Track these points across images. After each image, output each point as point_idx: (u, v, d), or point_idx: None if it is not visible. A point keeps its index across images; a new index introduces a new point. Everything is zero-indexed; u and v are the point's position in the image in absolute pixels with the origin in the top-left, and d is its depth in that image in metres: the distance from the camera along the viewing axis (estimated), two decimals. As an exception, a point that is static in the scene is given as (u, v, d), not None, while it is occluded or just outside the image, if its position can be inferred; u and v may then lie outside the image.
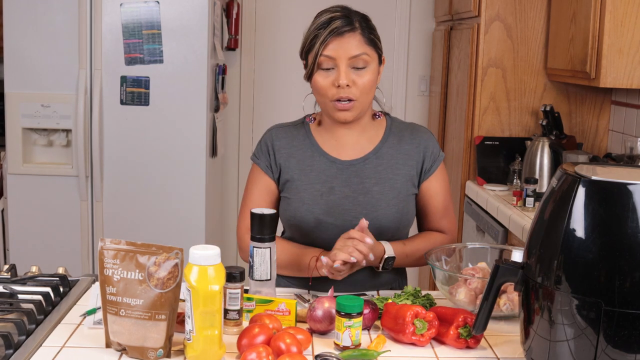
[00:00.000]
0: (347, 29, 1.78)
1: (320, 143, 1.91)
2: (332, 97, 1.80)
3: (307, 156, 1.90)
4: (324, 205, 1.86)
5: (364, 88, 1.80)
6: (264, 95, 4.39)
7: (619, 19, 2.68)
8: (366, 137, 1.91)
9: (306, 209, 1.86)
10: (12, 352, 1.38)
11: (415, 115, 4.42)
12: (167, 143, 3.51)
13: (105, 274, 1.40)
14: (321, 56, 1.78)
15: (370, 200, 1.85)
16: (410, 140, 1.91)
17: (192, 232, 3.55)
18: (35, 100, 3.47)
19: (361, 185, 1.86)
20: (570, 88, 3.34)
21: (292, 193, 1.88)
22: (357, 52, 1.78)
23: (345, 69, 1.78)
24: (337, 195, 1.86)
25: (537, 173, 3.07)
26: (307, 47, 1.82)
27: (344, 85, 1.77)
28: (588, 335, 1.21)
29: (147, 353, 1.38)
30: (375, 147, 1.90)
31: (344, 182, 1.87)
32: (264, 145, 1.94)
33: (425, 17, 4.38)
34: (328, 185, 1.87)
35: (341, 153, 1.90)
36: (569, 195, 1.24)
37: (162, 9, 3.42)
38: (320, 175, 1.88)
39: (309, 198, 1.86)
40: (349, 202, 1.85)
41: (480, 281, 1.62)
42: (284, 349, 1.36)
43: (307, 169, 1.89)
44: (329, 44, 1.77)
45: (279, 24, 4.31)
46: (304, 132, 1.94)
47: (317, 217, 1.85)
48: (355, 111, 1.82)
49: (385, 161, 1.89)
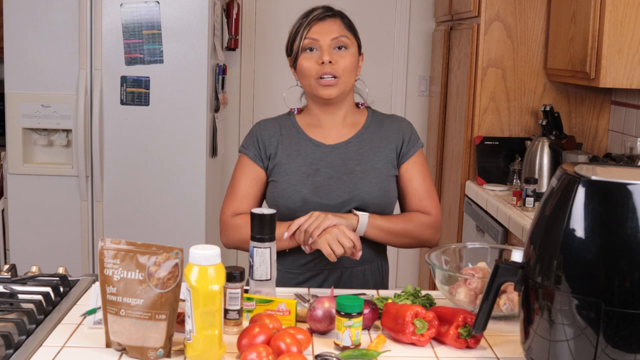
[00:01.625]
0: (329, 14, 1.97)
1: (305, 130, 2.03)
2: (317, 75, 1.93)
3: (293, 142, 2.01)
4: (310, 185, 1.95)
5: (345, 67, 1.93)
6: (264, 95, 4.39)
7: (619, 19, 2.68)
8: (349, 123, 2.03)
9: (294, 190, 1.95)
10: (12, 352, 1.38)
11: (415, 115, 4.42)
12: (167, 143, 3.51)
13: (105, 274, 1.40)
14: (305, 39, 1.93)
15: (353, 179, 1.95)
16: (390, 126, 2.04)
17: (192, 232, 3.55)
18: (35, 100, 3.47)
19: (344, 166, 1.97)
20: (570, 88, 3.34)
21: (280, 176, 1.98)
22: (338, 34, 1.94)
23: (327, 48, 1.93)
24: (322, 176, 1.96)
25: (537, 173, 3.07)
26: (291, 38, 1.98)
27: (327, 61, 1.91)
28: (588, 335, 1.21)
29: (147, 353, 1.38)
30: (358, 132, 2.02)
31: (329, 164, 1.98)
32: (253, 137, 2.03)
33: (425, 17, 4.38)
34: (314, 167, 1.97)
35: (326, 138, 2.01)
36: (568, 195, 1.24)
37: (162, 9, 3.42)
38: (306, 158, 1.98)
39: (296, 179, 1.96)
40: (334, 182, 1.96)
41: (480, 281, 1.62)
42: (284, 349, 1.36)
43: (293, 153, 1.99)
44: (312, 27, 1.94)
45: (279, 24, 4.32)
46: (290, 122, 2.05)
47: (304, 197, 1.95)
48: (339, 89, 1.94)
49: (367, 144, 2.01)
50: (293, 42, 1.97)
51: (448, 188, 3.80)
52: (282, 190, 1.96)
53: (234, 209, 2.01)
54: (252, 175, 2.01)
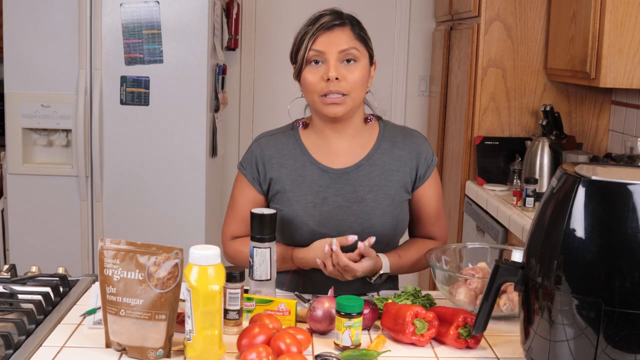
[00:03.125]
0: (337, 22, 1.77)
1: (311, 151, 1.86)
2: (321, 92, 1.75)
3: (298, 166, 1.85)
4: (317, 216, 1.81)
5: (354, 83, 1.75)
6: (264, 95, 4.39)
7: (619, 19, 2.67)
8: (358, 143, 1.87)
9: (300, 222, 1.82)
10: (12, 352, 1.38)
11: (415, 116, 4.42)
12: (167, 143, 3.51)
13: (105, 274, 1.40)
14: (310, 50, 1.75)
15: (364, 209, 1.82)
16: (404, 145, 1.88)
17: (192, 232, 3.55)
18: (35, 100, 3.47)
19: (354, 194, 1.82)
20: (570, 88, 3.34)
21: (284, 205, 1.83)
22: (347, 46, 1.75)
23: (334, 62, 1.74)
24: (330, 206, 1.82)
25: (537, 173, 3.07)
26: (296, 46, 1.80)
27: (333, 78, 1.73)
28: (588, 335, 1.21)
29: (147, 353, 1.38)
30: (368, 153, 1.86)
31: (337, 192, 1.83)
32: (253, 157, 1.88)
33: (425, 17, 4.38)
34: (321, 196, 1.82)
35: (333, 161, 1.85)
36: (569, 196, 1.24)
37: (162, 9, 3.42)
38: (312, 186, 1.83)
39: (302, 210, 1.82)
40: (343, 211, 1.82)
41: (480, 281, 1.62)
42: (284, 349, 1.36)
43: (298, 179, 1.84)
44: (318, 37, 1.75)
45: (279, 24, 4.32)
46: (294, 139, 1.88)
47: (311, 229, 1.81)
48: (346, 107, 1.77)
49: (379, 168, 1.85)
50: (297, 51, 1.79)
51: (448, 188, 3.79)
52: (287, 222, 1.82)
53: (232, 232, 1.90)
54: (250, 198, 1.88)
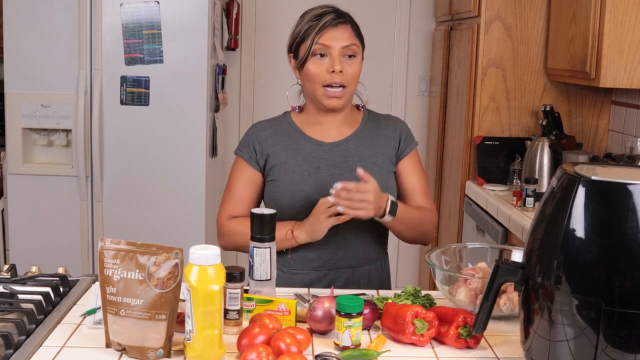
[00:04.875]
0: (341, 20, 1.95)
1: (303, 129, 2.03)
2: (324, 82, 1.93)
3: (292, 141, 2.01)
4: (312, 183, 1.96)
5: (353, 76, 1.95)
6: (264, 95, 4.39)
7: (619, 19, 2.68)
8: (347, 123, 2.04)
9: (296, 188, 1.95)
10: (12, 352, 1.38)
11: (415, 115, 4.42)
12: (167, 143, 3.51)
13: (105, 274, 1.40)
14: (316, 44, 1.92)
15: (355, 176, 1.91)
16: (387, 125, 2.07)
17: (192, 232, 3.55)
18: (35, 100, 3.47)
19: (345, 163, 1.98)
20: (570, 88, 3.34)
21: (281, 175, 1.97)
22: (349, 42, 1.94)
23: (338, 56, 1.93)
24: (323, 174, 1.97)
25: (537, 173, 3.07)
26: (299, 38, 1.96)
27: (337, 70, 1.91)
28: (588, 335, 1.21)
29: (147, 353, 1.38)
30: (356, 130, 2.04)
31: (330, 162, 1.98)
32: (250, 139, 2.03)
33: (425, 17, 4.37)
34: (315, 165, 1.98)
35: (325, 136, 2.02)
36: (568, 196, 1.24)
37: (162, 9, 3.42)
38: (307, 157, 1.99)
39: (298, 178, 1.96)
40: (336, 179, 1.93)
41: (480, 281, 1.62)
42: (284, 349, 1.36)
43: (293, 152, 1.99)
44: (324, 33, 1.92)
45: (279, 24, 4.32)
46: (287, 122, 2.05)
47: (307, 195, 1.95)
48: (345, 98, 1.96)
49: (366, 141, 2.02)
50: (300, 43, 1.96)
51: (448, 188, 3.79)
52: (284, 190, 1.96)
53: (230, 212, 2.01)
54: (248, 178, 2.01)
